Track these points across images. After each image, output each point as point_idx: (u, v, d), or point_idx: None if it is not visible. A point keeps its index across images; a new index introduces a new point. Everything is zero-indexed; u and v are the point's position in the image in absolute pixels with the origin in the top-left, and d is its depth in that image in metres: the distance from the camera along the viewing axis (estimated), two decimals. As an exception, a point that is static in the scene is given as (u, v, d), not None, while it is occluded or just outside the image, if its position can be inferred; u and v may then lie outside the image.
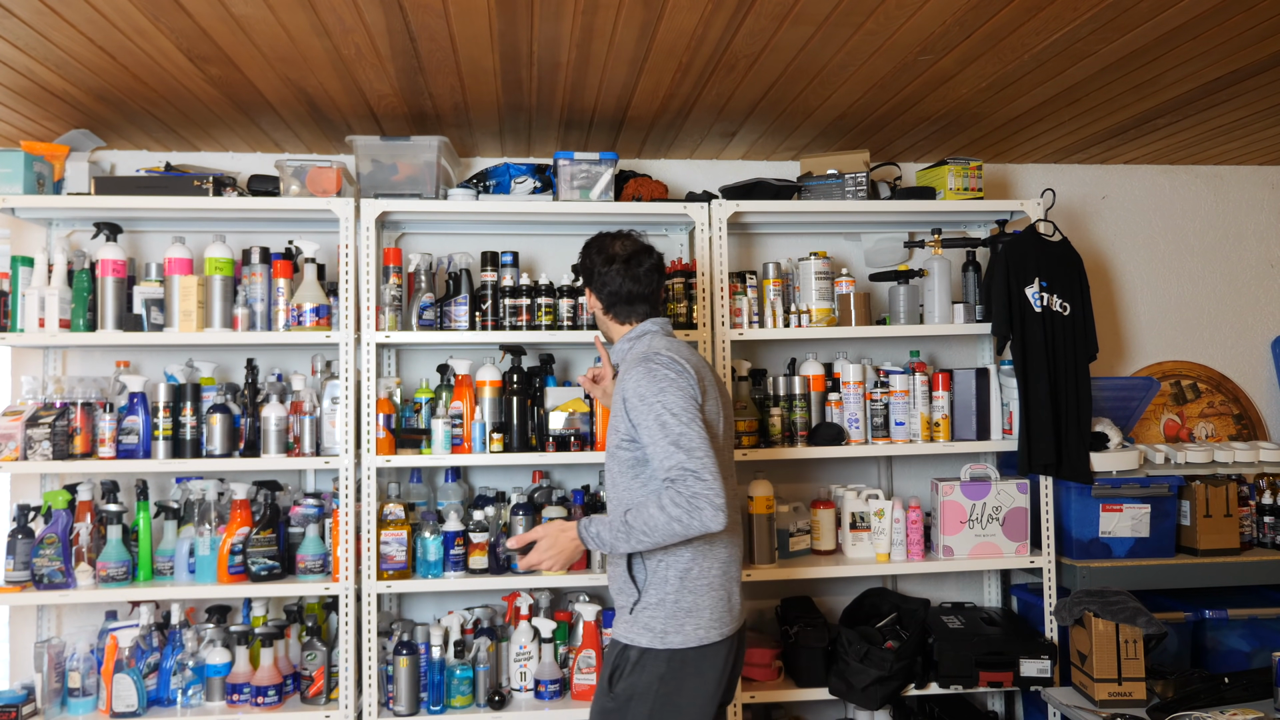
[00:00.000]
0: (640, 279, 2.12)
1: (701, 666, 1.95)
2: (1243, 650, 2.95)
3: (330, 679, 2.68)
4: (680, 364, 1.97)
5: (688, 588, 1.95)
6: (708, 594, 1.96)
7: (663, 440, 1.88)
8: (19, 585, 2.60)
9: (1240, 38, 2.35)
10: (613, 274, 2.11)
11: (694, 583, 1.96)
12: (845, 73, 2.53)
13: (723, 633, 1.98)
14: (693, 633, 1.94)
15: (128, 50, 2.30)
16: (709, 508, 1.83)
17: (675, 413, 1.89)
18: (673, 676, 1.93)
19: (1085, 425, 2.92)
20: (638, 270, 2.11)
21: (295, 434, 2.72)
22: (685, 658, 1.93)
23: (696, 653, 1.94)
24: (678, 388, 1.92)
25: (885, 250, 3.31)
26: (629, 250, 2.13)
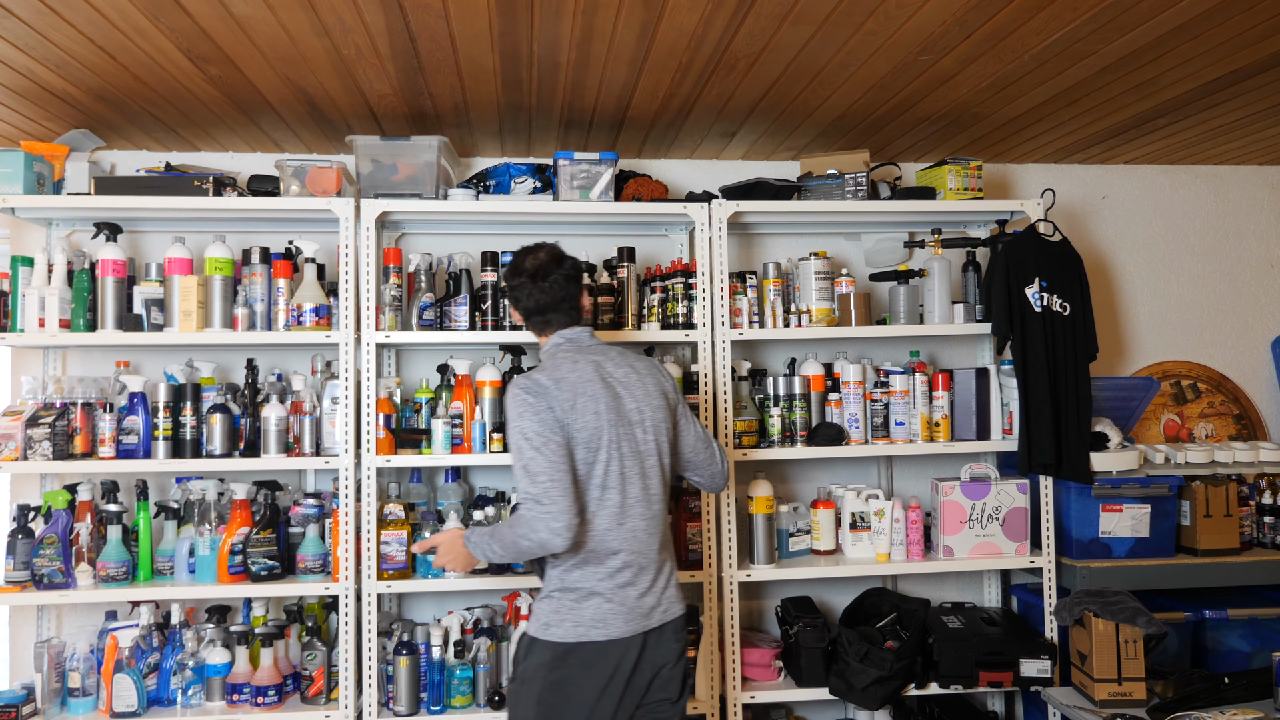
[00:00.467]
0: (547, 291, 2.19)
1: (588, 660, 2.02)
2: (1243, 650, 2.95)
3: (330, 679, 2.68)
4: (540, 386, 2.06)
5: (569, 588, 2.07)
6: (590, 597, 2.05)
7: (517, 464, 2.03)
8: (19, 585, 2.60)
9: (1240, 38, 2.35)
10: (523, 288, 2.20)
11: (575, 585, 2.06)
12: (845, 73, 2.53)
13: (608, 634, 2.03)
14: (571, 629, 2.03)
15: (128, 50, 2.30)
16: (545, 530, 1.97)
17: (529, 437, 2.02)
18: (557, 665, 2.03)
19: (1085, 425, 2.92)
20: (543, 283, 2.18)
21: (295, 434, 2.72)
22: (569, 650, 2.03)
23: (577, 647, 2.03)
24: (533, 412, 2.03)
25: (885, 250, 3.31)
26: (537, 264, 2.20)
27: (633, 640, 2.05)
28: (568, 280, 2.20)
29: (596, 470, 2.06)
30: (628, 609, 2.05)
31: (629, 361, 2.20)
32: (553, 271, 2.18)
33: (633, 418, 2.13)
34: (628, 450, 2.10)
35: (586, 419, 2.06)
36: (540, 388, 2.06)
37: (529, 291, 2.19)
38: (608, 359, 2.18)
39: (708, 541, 2.80)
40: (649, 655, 2.08)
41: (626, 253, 2.92)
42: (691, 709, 2.77)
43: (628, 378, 2.16)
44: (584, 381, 2.09)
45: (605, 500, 2.07)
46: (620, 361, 2.19)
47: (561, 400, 2.05)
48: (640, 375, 2.18)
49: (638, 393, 2.15)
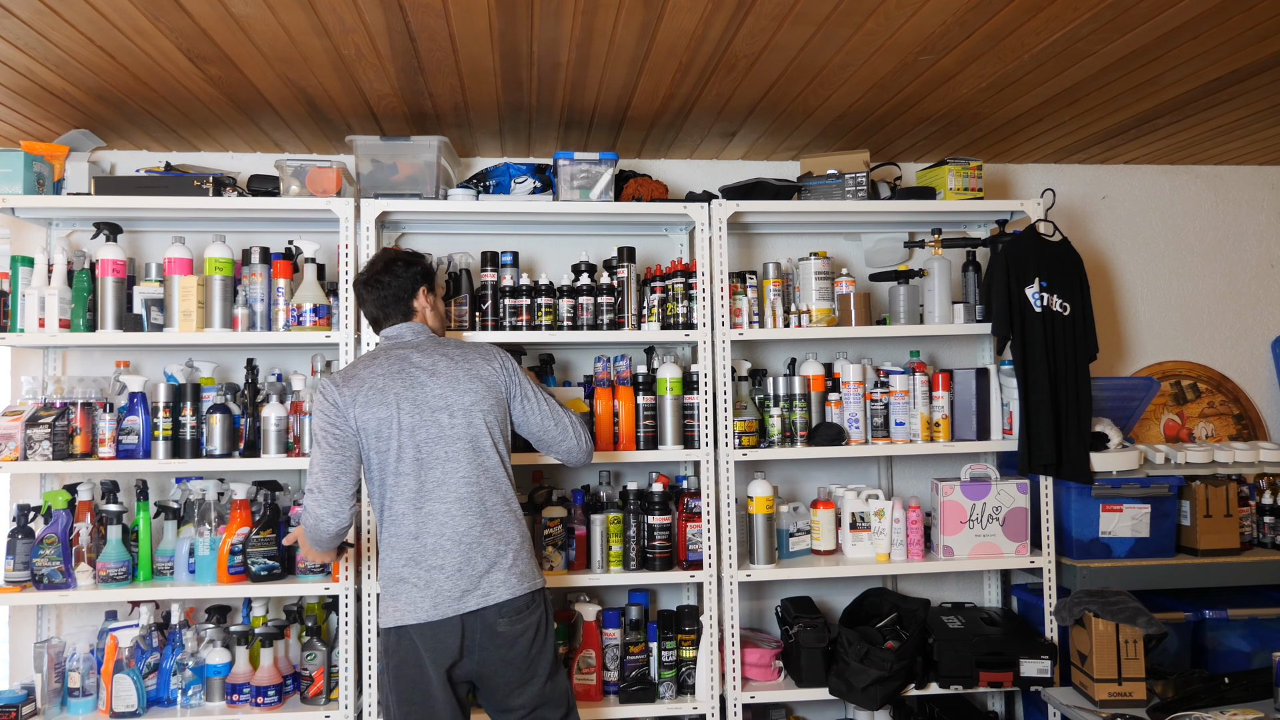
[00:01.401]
0: (374, 295, 2.32)
1: (412, 645, 2.09)
2: (1243, 650, 2.95)
3: (330, 679, 2.68)
4: (330, 383, 2.19)
5: (385, 575, 2.16)
6: (398, 582, 2.13)
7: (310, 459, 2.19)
8: (19, 585, 2.60)
9: (1240, 38, 2.35)
10: (359, 295, 2.35)
11: (388, 570, 2.16)
12: (845, 73, 2.53)
13: (419, 618, 2.09)
14: (391, 615, 2.12)
15: (128, 50, 2.30)
16: (319, 513, 2.14)
17: (314, 433, 2.19)
18: (392, 652, 2.12)
19: (1085, 425, 2.92)
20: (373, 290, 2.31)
21: (295, 434, 2.72)
22: (396, 635, 2.11)
23: (399, 631, 2.10)
24: (320, 410, 2.18)
25: (885, 250, 3.31)
26: (369, 273, 2.33)
27: (447, 624, 2.09)
28: (395, 285, 2.30)
29: (389, 459, 2.16)
30: (434, 592, 2.10)
31: (444, 351, 2.26)
32: (382, 276, 2.31)
33: (436, 403, 2.18)
34: (426, 437, 2.15)
35: (374, 411, 2.15)
36: (329, 385, 2.19)
37: (361, 298, 2.34)
38: (419, 351, 2.25)
39: (708, 541, 2.80)
40: (473, 639, 2.11)
41: (626, 253, 2.92)
42: (691, 709, 2.77)
43: (435, 365, 2.22)
44: (375, 376, 2.18)
45: (400, 486, 2.14)
46: (431, 351, 2.25)
47: (347, 395, 2.16)
48: (453, 362, 2.23)
49: (444, 380, 2.20)
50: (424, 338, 2.30)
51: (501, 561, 2.15)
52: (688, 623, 2.84)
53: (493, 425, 2.22)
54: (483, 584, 2.12)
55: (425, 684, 2.09)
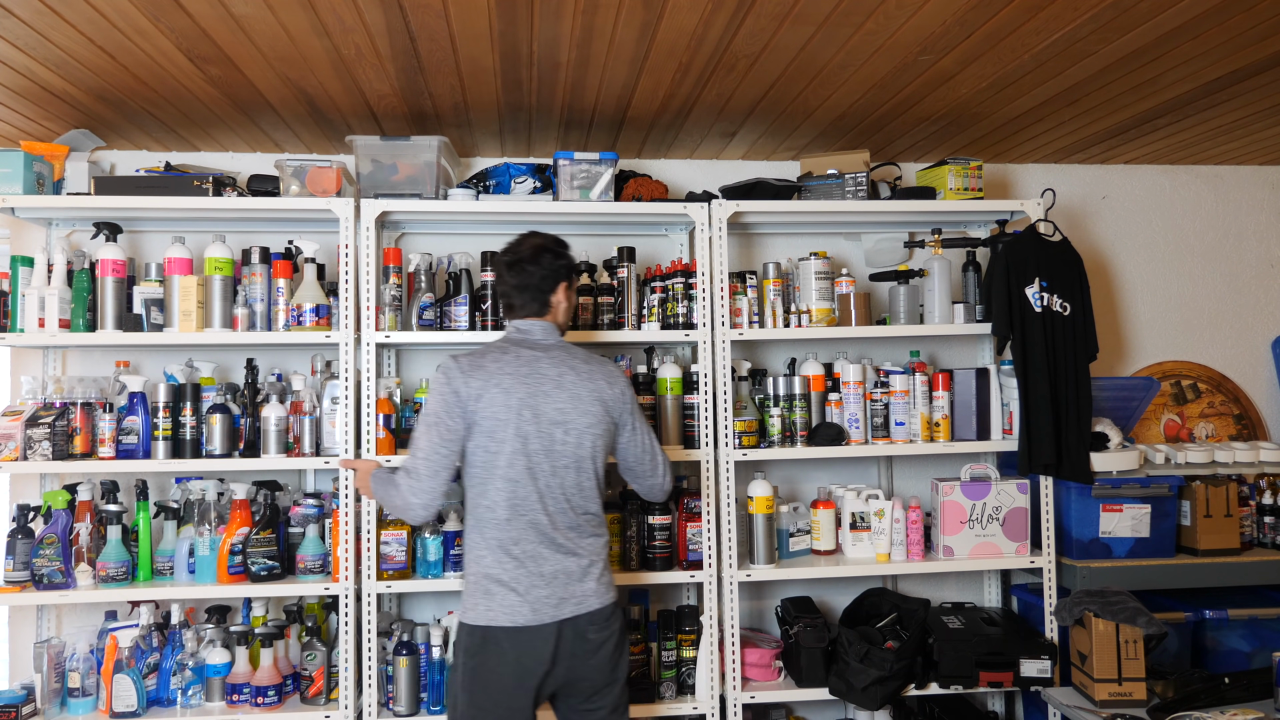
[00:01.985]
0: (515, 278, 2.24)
1: (497, 647, 2.07)
2: (1243, 650, 2.95)
3: (330, 679, 2.68)
4: (456, 368, 2.14)
5: (480, 573, 2.12)
6: (494, 582, 2.10)
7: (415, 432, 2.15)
8: (19, 585, 2.60)
9: (1240, 38, 2.35)
10: (499, 273, 2.28)
11: (485, 569, 2.12)
12: (845, 73, 2.53)
13: (515, 621, 2.07)
14: (484, 613, 2.09)
15: (128, 50, 2.30)
16: (405, 500, 2.11)
17: (426, 413, 2.14)
18: (476, 651, 2.08)
19: (1085, 425, 2.92)
20: (513, 273, 2.24)
21: (295, 434, 2.72)
22: (485, 635, 2.08)
23: (486, 631, 2.08)
24: (437, 393, 2.13)
25: (885, 250, 3.31)
26: (515, 255, 2.25)
27: (544, 629, 2.08)
28: (539, 275, 2.22)
29: (498, 461, 2.11)
30: (534, 599, 2.09)
31: (572, 364, 2.20)
32: (527, 264, 2.22)
33: (554, 417, 2.14)
34: (539, 448, 2.12)
35: (493, 410, 2.10)
36: (455, 371, 2.13)
37: (501, 277, 2.26)
38: (550, 356, 2.19)
39: (708, 541, 2.80)
40: (565, 645, 2.10)
41: (626, 253, 2.92)
42: (691, 709, 2.77)
43: (562, 378, 2.17)
44: (503, 374, 2.12)
45: (505, 490, 2.11)
46: (562, 360, 2.19)
47: (472, 387, 2.11)
48: (579, 378, 2.19)
49: (567, 395, 2.16)
50: (554, 341, 2.24)
51: (592, 571, 2.16)
52: (688, 622, 2.84)
53: (599, 449, 2.20)
54: (577, 592, 2.13)
55: (505, 689, 2.06)
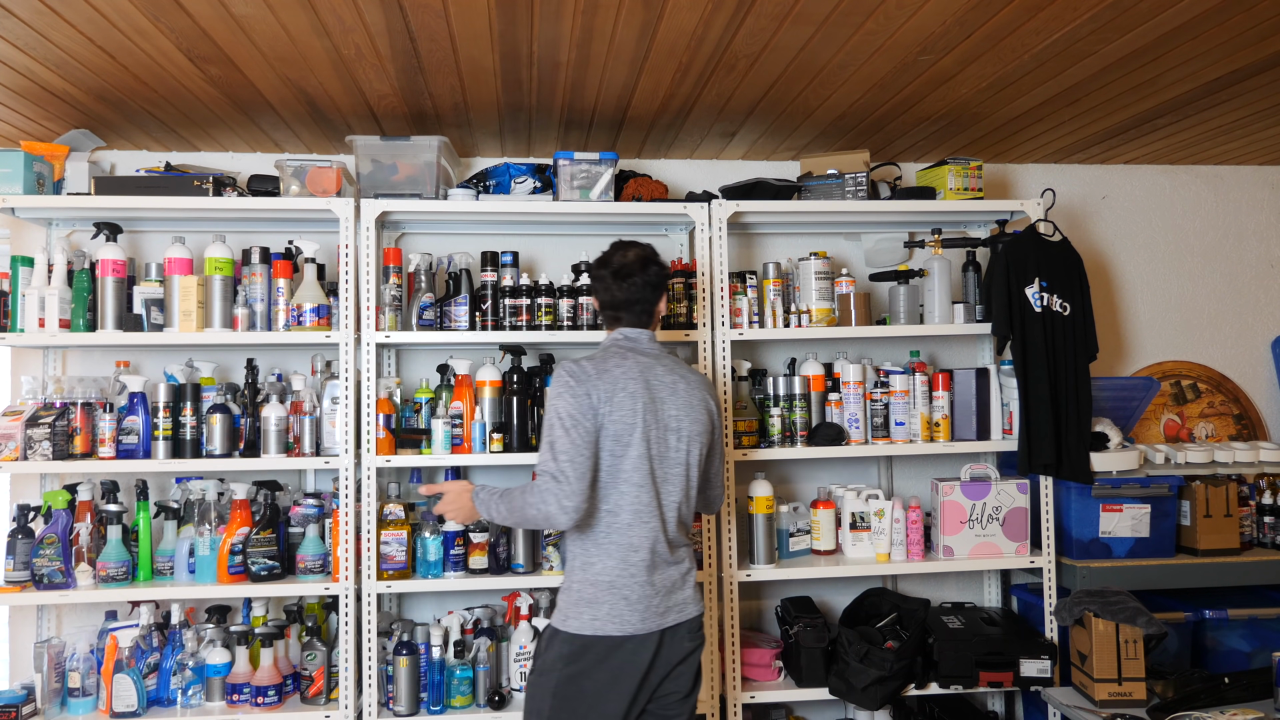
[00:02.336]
0: (623, 290, 2.23)
1: (602, 657, 2.05)
2: (1243, 650, 2.95)
3: (330, 679, 2.68)
4: (585, 373, 2.12)
5: (589, 580, 2.10)
6: (607, 590, 2.08)
7: (545, 439, 2.10)
8: (19, 585, 2.60)
9: (1240, 38, 2.35)
10: (601, 283, 2.25)
11: (595, 577, 2.09)
12: (845, 73, 2.53)
13: (624, 630, 2.05)
14: (589, 622, 2.06)
15: (128, 50, 2.30)
16: (554, 504, 2.03)
17: (560, 417, 2.08)
18: (575, 659, 2.06)
19: (1085, 425, 2.92)
20: (623, 283, 2.22)
21: (295, 434, 2.72)
22: (586, 644, 2.05)
23: (594, 640, 2.05)
24: (571, 394, 2.09)
25: (885, 250, 3.31)
26: (623, 263, 2.23)
27: (649, 638, 2.07)
28: (646, 286, 2.23)
29: (625, 465, 2.10)
30: (644, 606, 2.08)
31: (681, 372, 2.24)
32: (635, 274, 2.22)
33: (670, 424, 2.16)
34: (659, 453, 2.14)
35: (622, 414, 2.10)
36: (584, 374, 2.11)
37: (607, 286, 2.24)
38: (660, 364, 2.21)
39: (708, 541, 2.80)
40: (664, 653, 2.10)
41: (626, 253, 2.91)
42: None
43: (675, 385, 2.20)
44: (627, 378, 2.13)
45: (629, 495, 2.10)
46: (672, 368, 2.22)
47: (601, 390, 2.09)
48: (690, 386, 2.22)
49: (681, 402, 2.19)
50: (660, 351, 2.26)
51: (689, 578, 2.18)
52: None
53: (702, 457, 2.23)
54: (678, 600, 2.14)
55: (603, 699, 2.04)
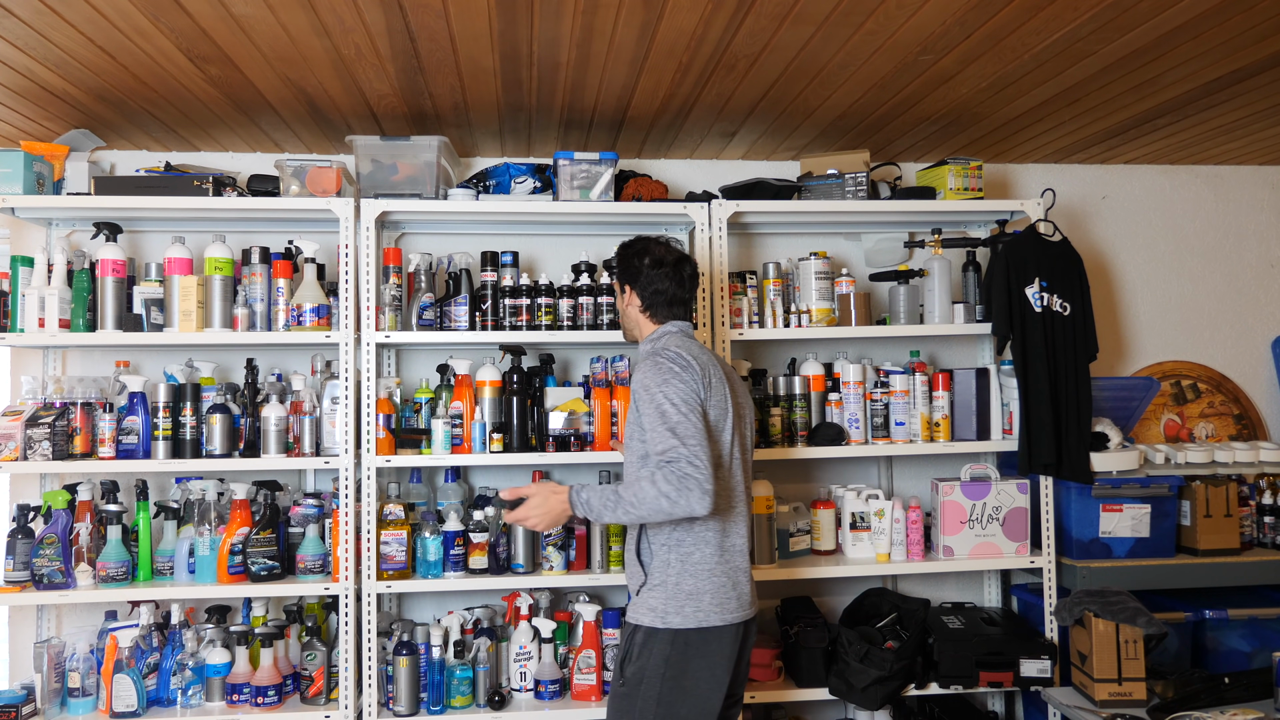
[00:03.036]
0: (684, 283, 2.23)
1: (705, 650, 2.00)
2: (1243, 650, 2.95)
3: (330, 679, 2.68)
4: (685, 359, 2.06)
5: (688, 571, 2.03)
6: (708, 579, 2.03)
7: (660, 427, 1.97)
8: (19, 585, 2.60)
9: (1240, 38, 2.35)
10: (660, 276, 2.20)
11: (695, 567, 2.03)
12: (845, 73, 2.53)
13: (725, 619, 2.02)
14: (692, 614, 2.00)
15: (128, 50, 2.30)
16: (697, 490, 1.91)
17: (675, 403, 1.98)
18: (678, 658, 1.98)
19: (1085, 425, 2.92)
20: (682, 275, 2.22)
21: (295, 434, 2.72)
22: (688, 639, 1.99)
23: (698, 634, 1.99)
24: (681, 380, 2.01)
25: (885, 250, 3.31)
26: (675, 255, 2.24)
27: (739, 626, 2.06)
28: (696, 279, 2.27)
29: (721, 452, 2.08)
30: (739, 593, 2.07)
31: (727, 366, 2.26)
32: (687, 268, 2.24)
33: (742, 412, 2.20)
34: (739, 439, 2.14)
35: (718, 399, 2.09)
36: (686, 360, 2.06)
37: (669, 282, 2.20)
38: (715, 356, 2.22)
39: (708, 541, 2.80)
40: (746, 643, 2.10)
41: (626, 253, 2.91)
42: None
43: (731, 376, 2.22)
44: (712, 365, 2.13)
45: (729, 482, 2.08)
46: (723, 363, 2.24)
47: (700, 376, 2.06)
48: (739, 380, 2.25)
49: (743, 392, 2.24)
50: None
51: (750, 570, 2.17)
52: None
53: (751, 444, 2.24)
54: (751, 591, 2.14)
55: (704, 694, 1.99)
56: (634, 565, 2.12)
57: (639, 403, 2.04)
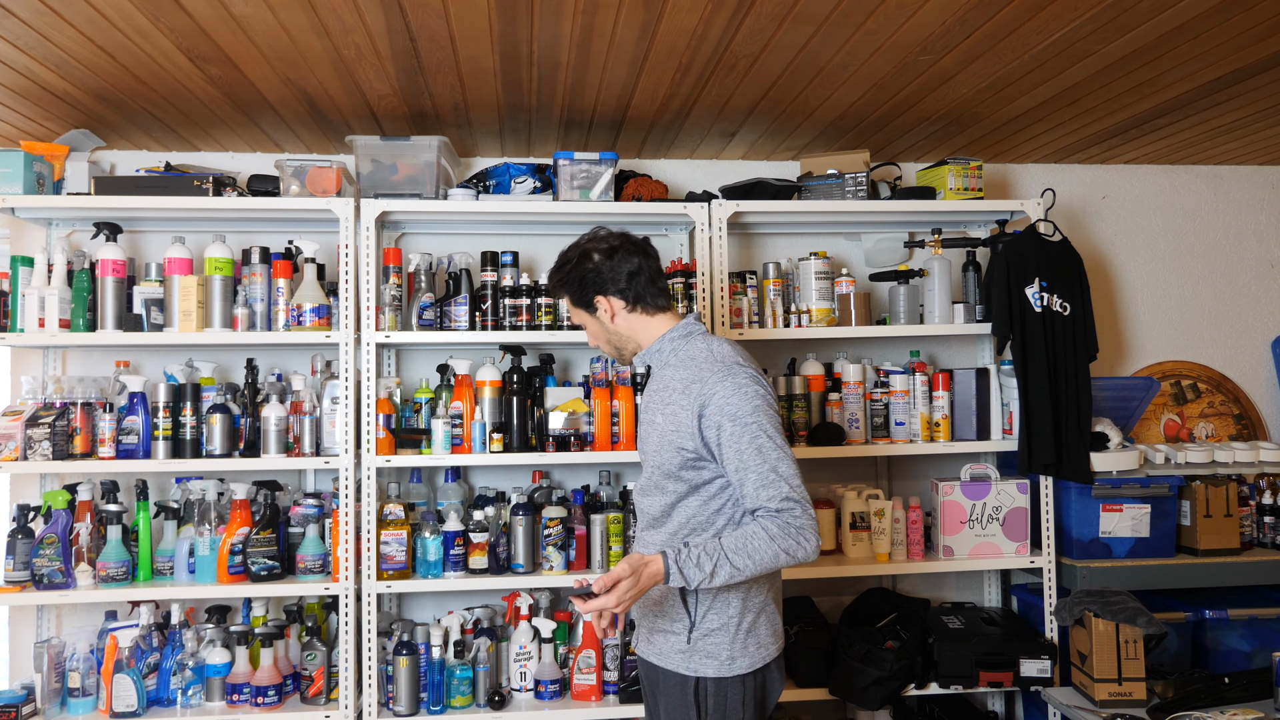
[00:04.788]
0: (648, 251, 1.94)
1: (765, 685, 1.88)
2: (1243, 650, 2.95)
3: (330, 679, 2.68)
4: (761, 374, 1.85)
5: (748, 608, 1.85)
6: (762, 611, 1.87)
7: (760, 466, 1.74)
8: (19, 585, 2.60)
9: (1240, 38, 2.35)
10: (621, 257, 1.90)
11: (751, 601, 1.86)
12: (845, 73, 2.53)
13: (778, 646, 1.90)
14: (756, 652, 1.84)
15: (128, 50, 2.30)
16: (813, 539, 1.74)
17: (770, 435, 1.76)
18: (751, 701, 1.84)
19: (1085, 425, 2.92)
20: (638, 243, 1.94)
21: (295, 434, 2.72)
22: (755, 679, 1.84)
23: (761, 672, 1.86)
24: (770, 404, 1.79)
25: (885, 250, 3.31)
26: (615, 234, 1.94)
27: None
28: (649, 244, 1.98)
29: None
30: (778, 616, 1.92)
31: None
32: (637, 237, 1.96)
33: None
34: None
35: None
36: (761, 375, 1.84)
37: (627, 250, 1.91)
38: None
39: (708, 541, 2.80)
40: None
41: (626, 253, 2.91)
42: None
43: None
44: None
45: None
46: None
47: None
48: None
49: None
50: None
51: None
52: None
53: None
54: None
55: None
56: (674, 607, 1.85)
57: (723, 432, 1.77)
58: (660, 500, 1.89)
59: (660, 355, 1.94)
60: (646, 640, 1.94)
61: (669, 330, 1.94)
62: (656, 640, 1.89)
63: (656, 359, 1.95)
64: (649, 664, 1.93)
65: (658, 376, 1.94)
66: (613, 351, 2.00)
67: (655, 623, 1.90)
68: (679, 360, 1.90)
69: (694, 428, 1.81)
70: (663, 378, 1.92)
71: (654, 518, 1.92)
